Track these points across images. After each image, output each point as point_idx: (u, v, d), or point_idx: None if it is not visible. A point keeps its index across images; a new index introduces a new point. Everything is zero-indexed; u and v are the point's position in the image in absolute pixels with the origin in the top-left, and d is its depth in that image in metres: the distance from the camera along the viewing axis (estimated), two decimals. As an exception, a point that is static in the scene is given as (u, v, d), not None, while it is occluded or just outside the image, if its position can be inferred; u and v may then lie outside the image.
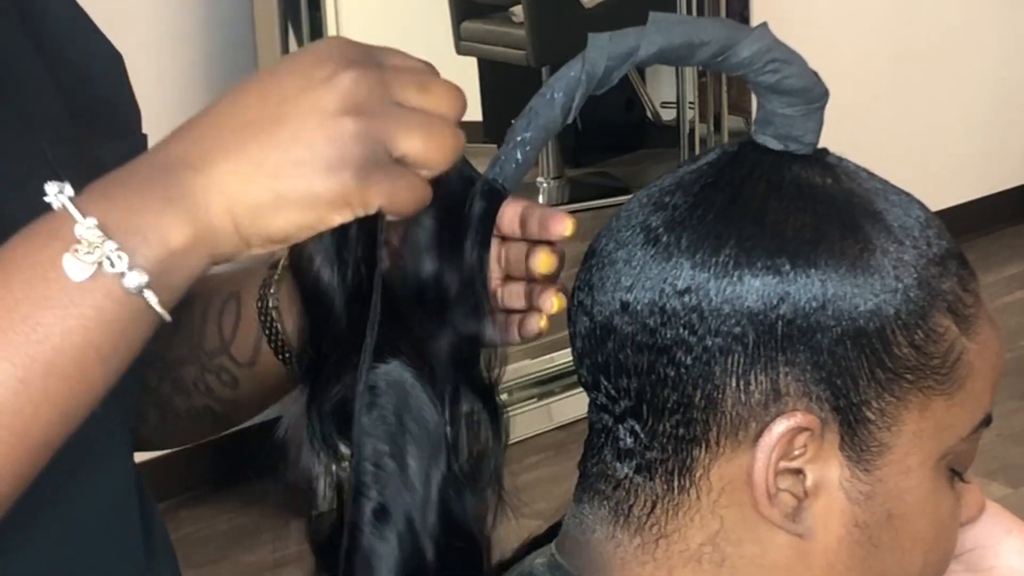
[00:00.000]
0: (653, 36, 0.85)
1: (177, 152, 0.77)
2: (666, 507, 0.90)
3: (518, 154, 0.86)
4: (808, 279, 0.86)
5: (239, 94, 0.78)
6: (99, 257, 0.75)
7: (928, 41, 4.56)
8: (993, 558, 1.00)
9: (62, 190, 0.76)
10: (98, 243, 0.75)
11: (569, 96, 0.85)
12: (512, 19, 4.05)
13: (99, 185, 0.78)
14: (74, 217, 0.75)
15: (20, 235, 0.77)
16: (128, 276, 0.75)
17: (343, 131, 0.76)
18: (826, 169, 0.91)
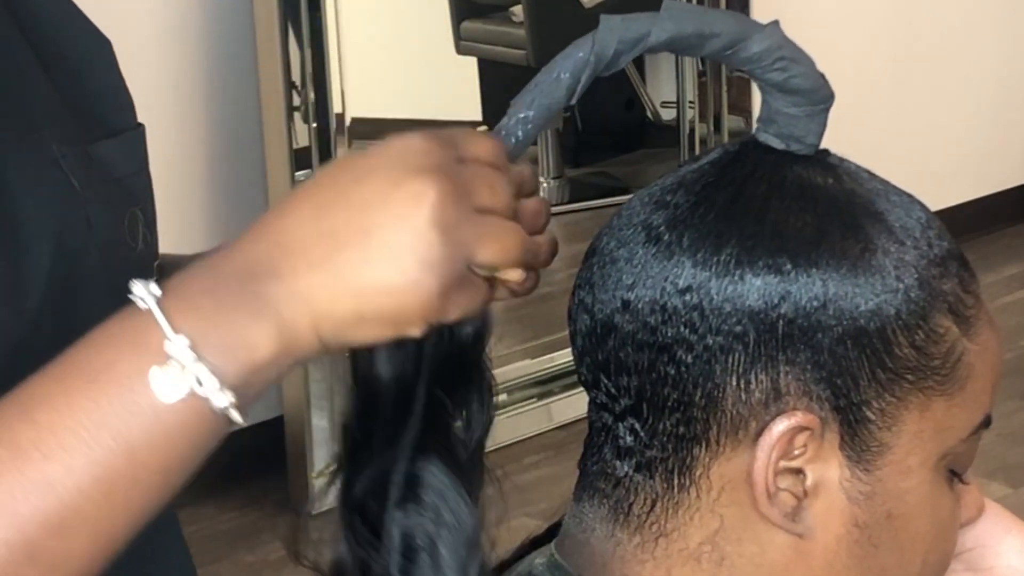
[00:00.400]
0: (665, 23, 0.85)
1: (261, 258, 0.77)
2: (666, 506, 0.90)
3: (519, 131, 0.85)
4: (809, 278, 0.86)
5: (321, 192, 0.78)
6: (190, 380, 0.75)
7: (928, 41, 4.56)
8: (993, 558, 1.00)
9: (149, 291, 0.76)
10: (189, 365, 0.75)
11: (576, 77, 0.85)
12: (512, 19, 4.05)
13: (184, 289, 0.77)
14: (164, 332, 0.75)
15: (105, 336, 0.77)
16: (217, 398, 0.76)
17: (432, 252, 0.76)
18: (828, 169, 0.91)
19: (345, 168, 0.79)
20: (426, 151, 0.78)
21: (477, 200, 0.78)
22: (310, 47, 3.19)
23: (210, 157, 3.33)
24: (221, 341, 0.76)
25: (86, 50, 1.04)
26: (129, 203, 1.01)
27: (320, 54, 3.20)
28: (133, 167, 1.03)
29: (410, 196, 0.76)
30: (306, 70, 3.19)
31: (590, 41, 0.85)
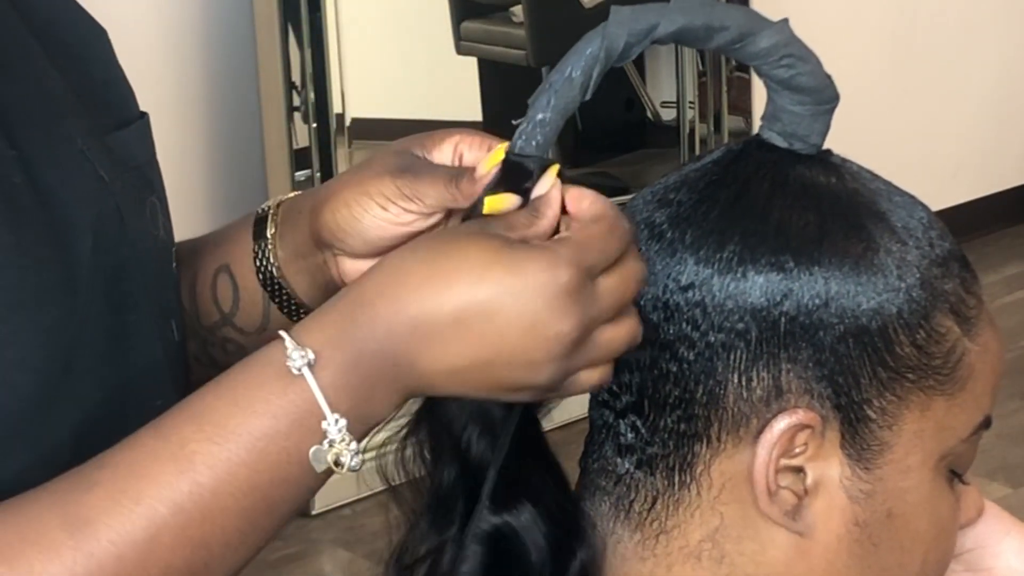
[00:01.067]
0: (674, 15, 0.86)
1: (402, 345, 0.84)
2: (666, 503, 0.90)
3: (539, 135, 0.86)
4: (811, 277, 0.86)
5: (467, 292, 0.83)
6: (343, 458, 0.84)
7: (928, 41, 4.56)
8: (992, 558, 1.00)
9: (307, 360, 0.83)
10: (344, 444, 0.83)
11: (587, 74, 0.86)
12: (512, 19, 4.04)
13: (333, 356, 0.84)
14: (325, 414, 0.83)
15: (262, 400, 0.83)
16: (352, 463, 0.84)
17: (541, 379, 0.84)
18: (830, 169, 0.91)
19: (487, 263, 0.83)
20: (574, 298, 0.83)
21: (596, 324, 0.84)
22: (310, 47, 3.19)
23: (210, 157, 3.33)
24: (363, 417, 0.84)
25: (87, 41, 1.04)
26: (147, 192, 1.01)
27: (320, 54, 3.20)
28: (145, 156, 1.04)
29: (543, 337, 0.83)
30: (306, 70, 3.19)
31: (599, 35, 0.85)
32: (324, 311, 0.86)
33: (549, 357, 0.83)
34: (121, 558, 0.80)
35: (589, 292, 0.83)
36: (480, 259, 0.83)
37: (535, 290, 0.82)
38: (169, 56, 3.24)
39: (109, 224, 0.95)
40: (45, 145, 0.93)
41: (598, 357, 0.85)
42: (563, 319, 0.82)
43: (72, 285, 0.91)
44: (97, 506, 0.81)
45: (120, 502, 0.81)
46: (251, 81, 3.26)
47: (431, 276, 0.84)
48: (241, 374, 0.85)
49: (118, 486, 0.82)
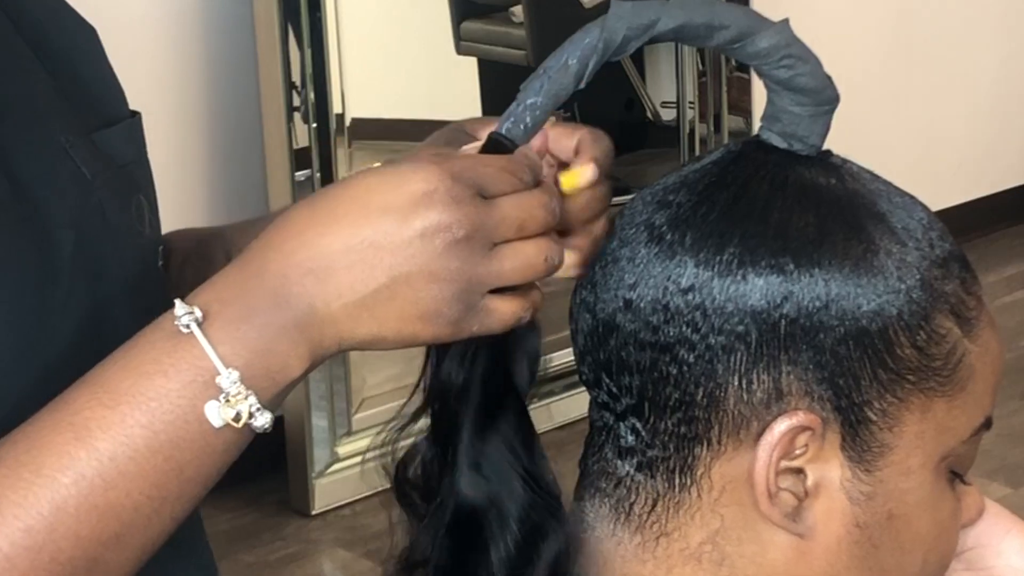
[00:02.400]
0: (675, 11, 0.86)
1: (294, 283, 0.83)
2: (667, 505, 0.90)
3: (527, 117, 0.87)
4: (812, 279, 0.86)
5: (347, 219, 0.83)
6: (242, 411, 0.83)
7: (928, 41, 4.56)
8: (993, 557, 1.00)
9: (193, 316, 0.83)
10: (241, 397, 0.82)
11: (583, 63, 0.86)
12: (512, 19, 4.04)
13: (225, 312, 0.83)
14: (216, 366, 0.82)
15: (153, 359, 0.83)
16: (258, 419, 0.83)
17: (443, 291, 0.83)
18: (830, 170, 0.91)
19: (371, 191, 0.84)
20: (455, 195, 0.83)
21: (503, 237, 0.84)
22: (310, 47, 3.19)
23: (210, 157, 3.33)
24: (264, 370, 0.83)
25: (76, 40, 1.05)
26: (133, 190, 1.02)
27: (320, 54, 3.20)
28: (133, 155, 1.04)
29: (435, 248, 0.83)
30: (306, 70, 3.19)
31: (599, 27, 0.85)
32: (216, 275, 0.86)
33: (446, 265, 0.82)
34: (29, 531, 0.81)
35: (473, 197, 0.83)
36: (360, 186, 0.85)
37: (416, 200, 0.82)
38: (169, 56, 3.24)
39: (90, 221, 0.95)
40: (26, 142, 0.94)
41: (503, 271, 0.84)
42: (450, 218, 0.82)
43: (52, 275, 0.91)
44: (1, 483, 0.81)
45: (21, 475, 0.81)
46: (251, 81, 3.26)
47: (314, 218, 0.84)
48: (135, 340, 0.85)
49: (19, 459, 0.82)
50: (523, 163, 0.86)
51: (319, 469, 3.30)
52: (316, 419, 3.29)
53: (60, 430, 0.82)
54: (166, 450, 0.82)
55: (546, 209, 0.86)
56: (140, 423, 0.82)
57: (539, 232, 0.85)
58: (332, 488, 3.29)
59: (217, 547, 1.23)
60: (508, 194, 0.85)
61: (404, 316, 0.83)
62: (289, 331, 0.83)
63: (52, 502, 0.81)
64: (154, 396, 0.82)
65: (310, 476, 3.29)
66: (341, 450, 3.32)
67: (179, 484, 0.83)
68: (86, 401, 0.83)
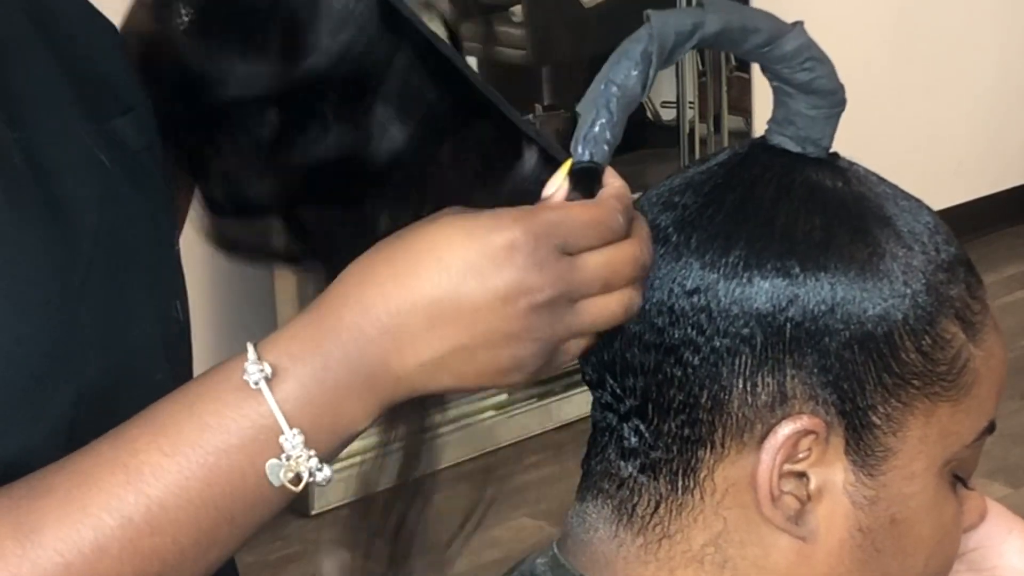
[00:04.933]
0: (714, 15, 0.86)
1: (372, 346, 0.82)
2: (670, 507, 0.90)
3: (608, 135, 0.85)
4: (817, 282, 0.86)
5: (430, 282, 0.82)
6: (300, 471, 0.82)
7: (928, 41, 4.56)
8: (995, 558, 1.00)
9: (264, 373, 0.82)
10: (303, 459, 0.82)
11: (645, 71, 0.85)
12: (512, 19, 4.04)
13: (296, 369, 0.82)
14: (281, 427, 0.81)
15: (216, 412, 0.82)
16: (318, 476, 0.83)
17: (530, 355, 0.83)
18: (836, 172, 0.90)
19: (452, 242, 0.83)
20: (537, 257, 0.82)
21: (586, 295, 0.84)
22: (310, 47, 3.18)
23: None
24: (331, 429, 0.82)
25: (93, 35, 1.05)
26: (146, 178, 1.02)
27: (320, 54, 3.19)
28: (145, 143, 1.05)
29: (517, 311, 0.82)
30: (306, 70, 3.18)
31: (646, 35, 0.85)
32: (290, 324, 0.85)
33: (527, 327, 0.82)
34: (68, 567, 0.80)
35: (558, 258, 0.82)
36: (440, 239, 0.83)
37: (498, 260, 0.82)
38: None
39: (110, 207, 0.96)
40: (47, 129, 0.94)
41: (583, 326, 0.84)
42: (533, 281, 0.81)
43: (73, 262, 0.91)
44: (47, 514, 0.81)
45: (68, 511, 0.81)
46: (251, 81, 3.25)
47: (395, 272, 0.83)
48: (201, 386, 0.84)
49: (69, 494, 0.81)
50: (613, 210, 0.84)
51: (319, 469, 3.29)
52: (316, 419, 3.29)
53: (115, 470, 0.81)
54: (219, 502, 0.82)
55: (635, 264, 0.85)
56: (197, 476, 0.81)
57: (624, 286, 0.85)
58: (332, 488, 3.28)
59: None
60: (596, 248, 0.84)
61: (483, 373, 0.83)
62: (360, 390, 0.83)
63: (95, 542, 0.80)
64: (213, 451, 0.81)
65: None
66: (341, 450, 3.32)
67: (229, 533, 0.83)
68: (145, 444, 0.82)
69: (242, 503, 0.82)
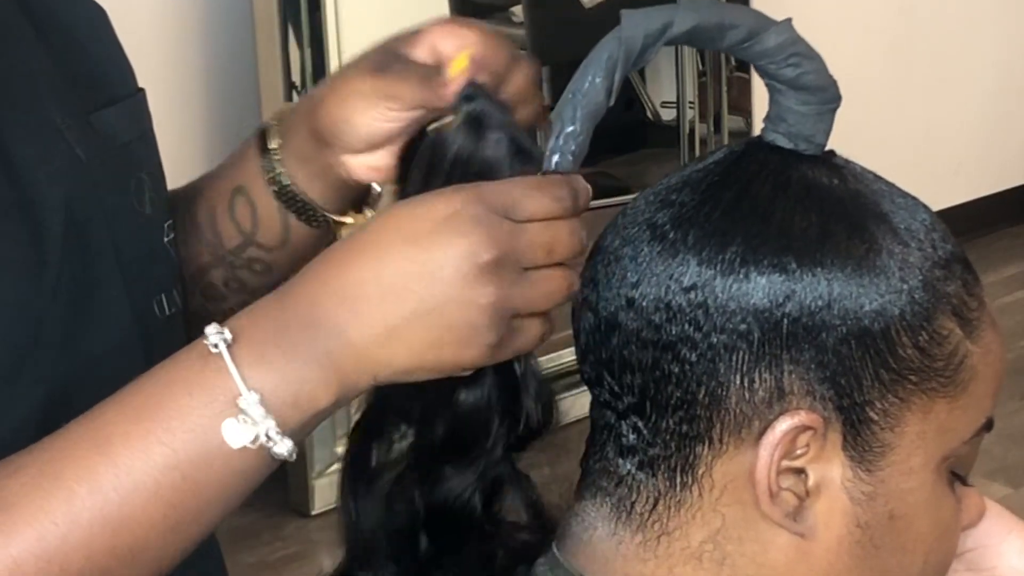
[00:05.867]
0: (686, 13, 0.86)
1: (327, 313, 0.83)
2: (668, 504, 0.90)
3: (572, 146, 0.86)
4: (814, 278, 0.86)
5: (379, 250, 0.84)
6: (260, 433, 0.82)
7: (928, 40, 4.57)
8: (994, 558, 1.00)
9: (223, 336, 0.83)
10: (260, 419, 0.82)
11: (609, 78, 0.86)
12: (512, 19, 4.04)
13: (253, 334, 0.83)
14: (238, 387, 0.82)
15: (180, 377, 0.83)
16: (280, 446, 0.83)
17: (483, 321, 0.83)
18: (833, 170, 0.91)
19: (400, 221, 0.84)
20: (479, 218, 0.83)
21: (530, 262, 0.84)
22: (310, 47, 3.19)
23: (210, 158, 3.33)
24: (290, 396, 0.83)
25: (82, 20, 1.05)
26: (134, 169, 1.02)
27: (320, 54, 3.20)
28: (136, 133, 1.05)
29: (463, 273, 0.82)
30: (306, 70, 3.19)
31: (615, 39, 0.85)
32: (257, 301, 0.86)
33: (478, 291, 0.82)
34: (42, 538, 0.81)
35: (501, 221, 0.83)
36: (390, 220, 0.85)
37: (439, 226, 0.82)
38: (169, 57, 3.24)
39: (82, 203, 0.96)
40: (20, 124, 0.94)
41: (533, 296, 0.84)
42: (474, 241, 0.82)
43: (42, 261, 0.91)
44: (19, 489, 0.81)
45: (40, 484, 0.81)
46: (251, 81, 3.26)
47: (350, 251, 0.85)
48: (168, 361, 0.85)
49: (41, 469, 0.82)
50: (559, 182, 0.86)
51: (319, 469, 3.30)
52: (316, 419, 3.29)
53: (83, 443, 0.82)
54: (184, 468, 0.82)
55: (576, 235, 0.86)
56: (160, 440, 0.82)
57: (567, 258, 0.85)
58: (332, 488, 3.27)
59: (217, 547, 1.23)
60: (538, 218, 0.84)
61: (441, 344, 0.83)
62: (320, 359, 0.83)
63: (67, 512, 0.81)
64: (176, 414, 0.82)
65: (310, 476, 3.29)
66: (341, 450, 3.31)
67: (197, 504, 0.83)
68: (113, 416, 0.83)
69: (206, 470, 0.82)
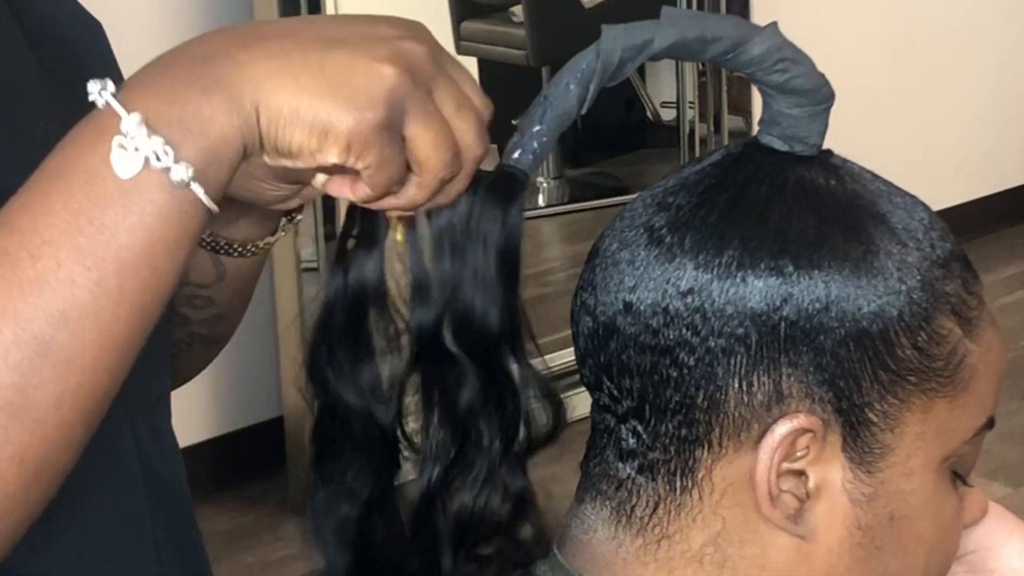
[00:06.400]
0: (667, 29, 0.85)
1: (221, 45, 0.79)
2: (668, 508, 0.90)
3: (535, 144, 0.86)
4: (811, 280, 0.86)
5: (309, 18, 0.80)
6: (146, 152, 0.77)
7: (928, 41, 4.57)
8: (995, 560, 1.00)
9: (104, 87, 0.78)
10: (144, 138, 0.77)
11: (584, 87, 0.85)
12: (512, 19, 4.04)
13: (139, 76, 0.79)
14: (119, 113, 0.77)
15: (69, 138, 0.79)
16: (175, 169, 0.77)
17: (381, 78, 0.78)
18: (830, 171, 0.91)
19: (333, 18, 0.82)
20: (424, 33, 0.80)
21: (440, 96, 0.80)
22: (310, 47, 3.18)
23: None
24: (174, 115, 0.77)
25: (77, 31, 1.05)
26: None
27: (320, 54, 3.20)
28: None
29: (385, 39, 0.79)
30: (306, 70, 3.18)
31: (594, 51, 0.85)
32: None
33: (391, 65, 0.78)
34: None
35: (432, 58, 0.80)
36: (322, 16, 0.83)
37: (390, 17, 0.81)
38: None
39: None
40: (4, 127, 0.94)
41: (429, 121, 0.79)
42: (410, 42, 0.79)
43: None
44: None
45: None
46: (251, 81, 3.26)
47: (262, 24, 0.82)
48: None
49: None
50: (487, 104, 0.83)
51: (319, 470, 3.29)
52: (316, 419, 3.29)
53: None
54: (87, 211, 0.77)
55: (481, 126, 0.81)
56: (56, 189, 0.77)
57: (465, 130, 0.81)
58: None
59: (217, 547, 1.23)
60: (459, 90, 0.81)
61: (326, 93, 0.78)
62: (205, 81, 0.78)
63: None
64: (67, 162, 0.78)
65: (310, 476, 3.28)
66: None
67: (115, 252, 0.77)
68: (14, 198, 0.79)
69: (110, 209, 0.77)
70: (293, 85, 0.78)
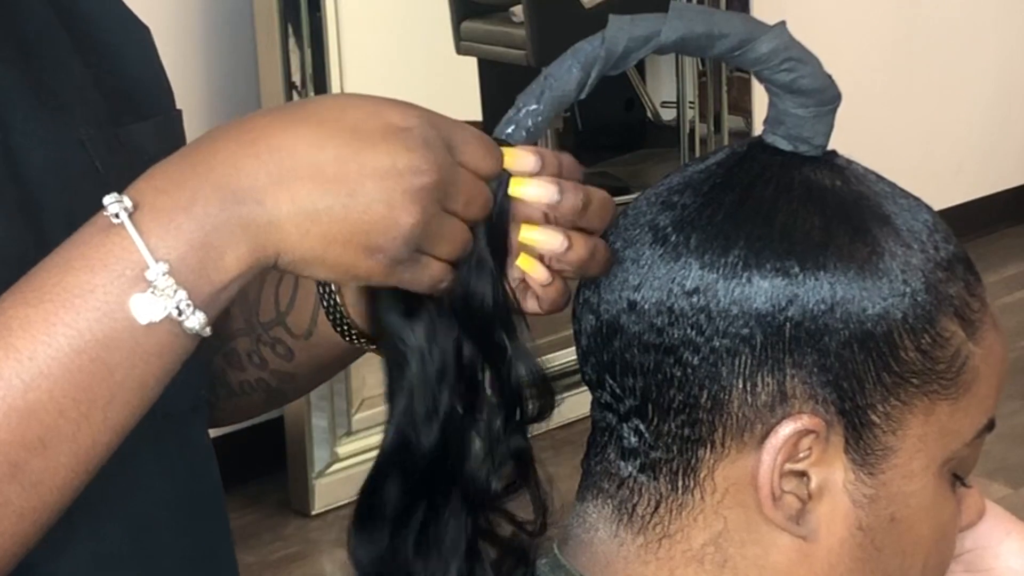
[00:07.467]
0: (675, 23, 0.85)
1: (248, 180, 0.79)
2: (670, 507, 0.90)
3: (529, 122, 0.86)
4: (817, 282, 0.86)
5: (320, 127, 0.80)
6: (170, 306, 0.77)
7: (928, 41, 4.56)
8: (992, 559, 1.00)
9: (123, 205, 0.78)
10: (169, 292, 0.77)
11: (586, 71, 0.85)
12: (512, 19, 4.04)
13: (161, 201, 0.78)
14: (144, 258, 0.77)
15: (80, 255, 0.78)
16: (191, 319, 0.78)
17: (398, 227, 0.79)
18: (835, 171, 0.90)
19: (346, 110, 0.81)
20: (429, 140, 0.80)
21: (451, 204, 0.81)
22: (310, 47, 3.19)
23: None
24: (199, 265, 0.78)
25: (124, 36, 1.05)
26: None
27: (320, 54, 3.20)
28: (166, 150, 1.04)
29: (403, 187, 0.79)
30: (306, 70, 3.19)
31: (600, 38, 0.85)
32: (160, 162, 0.81)
33: (408, 205, 0.79)
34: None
35: (444, 149, 0.81)
36: (337, 105, 0.82)
37: (391, 132, 0.80)
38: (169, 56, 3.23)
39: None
40: (39, 130, 0.94)
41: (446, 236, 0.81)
42: (421, 161, 0.79)
43: None
44: None
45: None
46: (251, 81, 3.26)
47: (282, 118, 0.81)
48: (67, 240, 0.80)
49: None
50: (497, 150, 0.84)
51: (319, 469, 3.30)
52: (316, 419, 3.29)
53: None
54: (92, 350, 0.77)
55: (489, 202, 0.83)
56: (64, 321, 0.77)
57: (475, 219, 0.83)
58: (332, 488, 3.29)
59: (217, 547, 1.23)
60: (469, 168, 0.82)
61: (350, 242, 0.79)
62: (231, 226, 0.78)
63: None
64: (79, 292, 0.77)
65: (310, 476, 3.29)
66: (341, 450, 3.32)
67: (109, 388, 0.78)
68: (11, 303, 0.78)
69: (116, 351, 0.77)
70: (317, 237, 0.79)
